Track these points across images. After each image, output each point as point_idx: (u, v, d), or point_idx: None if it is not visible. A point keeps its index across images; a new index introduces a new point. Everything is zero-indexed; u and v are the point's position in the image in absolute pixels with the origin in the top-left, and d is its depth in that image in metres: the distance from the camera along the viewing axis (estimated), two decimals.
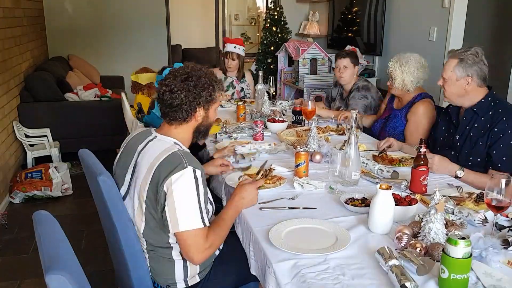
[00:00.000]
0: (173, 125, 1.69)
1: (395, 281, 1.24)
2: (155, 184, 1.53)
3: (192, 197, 1.51)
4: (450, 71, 2.16)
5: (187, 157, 1.56)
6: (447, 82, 2.19)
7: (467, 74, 2.13)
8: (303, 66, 4.64)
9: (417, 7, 4.30)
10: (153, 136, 1.69)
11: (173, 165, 1.51)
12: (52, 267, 1.01)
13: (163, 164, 1.53)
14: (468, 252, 1.20)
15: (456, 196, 1.84)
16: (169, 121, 1.68)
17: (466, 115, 2.24)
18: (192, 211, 1.51)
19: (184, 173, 1.50)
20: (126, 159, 1.70)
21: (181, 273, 1.67)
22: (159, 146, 1.62)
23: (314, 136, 2.37)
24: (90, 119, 4.71)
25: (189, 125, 1.70)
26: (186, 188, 1.51)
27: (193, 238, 1.52)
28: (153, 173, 1.53)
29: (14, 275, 2.81)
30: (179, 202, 1.50)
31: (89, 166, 1.67)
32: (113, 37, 6.44)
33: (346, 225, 1.62)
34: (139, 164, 1.61)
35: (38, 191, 3.84)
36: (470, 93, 2.18)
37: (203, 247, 1.54)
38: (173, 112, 1.65)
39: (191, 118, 1.68)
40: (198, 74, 1.67)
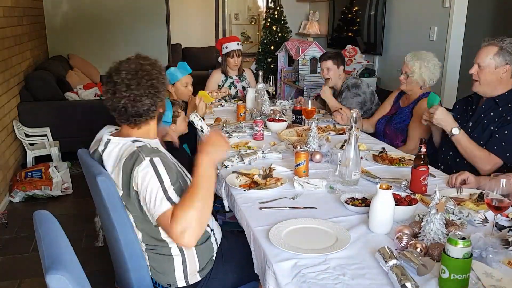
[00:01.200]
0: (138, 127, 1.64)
1: (395, 281, 1.24)
2: (126, 186, 1.54)
3: (154, 183, 1.48)
4: (489, 59, 2.15)
5: (143, 150, 1.53)
6: (484, 69, 2.17)
7: (506, 62, 2.13)
8: (303, 65, 4.64)
9: (418, 7, 4.30)
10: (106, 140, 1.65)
11: (131, 162, 1.51)
12: (52, 267, 1.01)
13: (125, 166, 1.53)
14: (468, 252, 1.20)
15: (456, 196, 1.84)
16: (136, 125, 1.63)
17: (485, 103, 2.24)
18: (157, 196, 1.47)
19: (141, 166, 1.49)
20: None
21: (181, 270, 1.67)
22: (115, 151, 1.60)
23: (314, 136, 2.36)
24: (90, 119, 4.70)
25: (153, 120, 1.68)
26: (147, 178, 1.48)
27: (165, 222, 1.45)
28: (121, 177, 1.54)
29: (14, 274, 2.81)
30: (146, 193, 1.48)
31: (88, 166, 1.67)
32: (113, 36, 6.44)
33: (346, 225, 1.62)
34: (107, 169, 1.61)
35: (38, 190, 3.84)
36: (501, 83, 2.18)
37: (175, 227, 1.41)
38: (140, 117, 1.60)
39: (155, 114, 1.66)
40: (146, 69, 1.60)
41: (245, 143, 2.62)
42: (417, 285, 1.22)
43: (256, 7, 9.34)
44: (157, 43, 6.65)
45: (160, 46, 6.68)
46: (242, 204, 1.82)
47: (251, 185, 1.99)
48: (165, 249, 1.64)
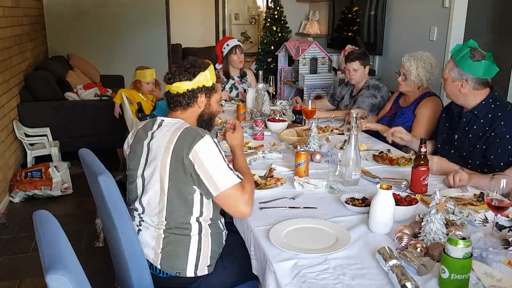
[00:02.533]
0: (178, 110, 1.80)
1: (395, 281, 1.24)
2: (179, 160, 1.60)
3: (219, 159, 1.63)
4: (447, 72, 2.19)
5: (201, 129, 1.68)
6: (446, 81, 2.21)
7: (462, 77, 2.14)
8: (303, 65, 4.64)
9: (417, 7, 4.30)
10: (160, 121, 1.77)
11: (191, 137, 1.61)
12: (52, 267, 1.01)
13: (180, 141, 1.62)
14: (468, 252, 1.20)
15: (456, 196, 1.84)
16: (174, 107, 1.80)
17: (466, 117, 2.24)
18: (225, 171, 1.62)
19: (205, 141, 1.61)
20: (136, 150, 1.76)
21: (194, 258, 1.68)
22: (169, 128, 1.69)
23: (315, 136, 2.37)
24: (90, 119, 4.71)
25: (192, 111, 1.82)
26: (212, 153, 1.62)
27: (235, 193, 1.62)
28: (172, 151, 1.61)
29: (14, 274, 2.81)
30: (211, 167, 1.60)
31: (89, 166, 1.67)
32: (113, 36, 6.44)
33: (347, 225, 1.62)
34: (153, 151, 1.68)
35: (38, 190, 3.84)
36: (468, 95, 2.18)
37: (247, 198, 1.64)
38: (177, 98, 1.78)
39: (194, 104, 1.80)
40: (199, 65, 1.81)
41: (245, 143, 2.62)
42: (417, 285, 1.22)
43: (256, 7, 9.34)
44: (157, 43, 6.64)
45: (160, 46, 6.68)
46: None
47: None
48: (186, 231, 1.67)
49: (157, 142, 1.68)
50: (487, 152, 2.11)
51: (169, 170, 1.62)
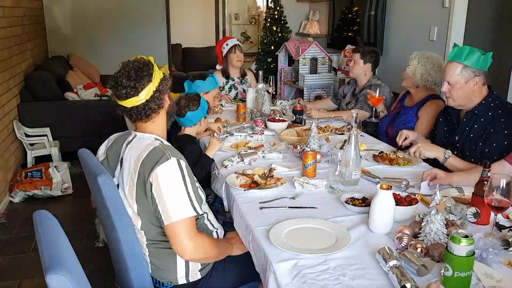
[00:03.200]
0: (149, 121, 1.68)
1: (395, 281, 1.24)
2: (142, 181, 1.54)
3: (180, 186, 1.52)
4: (457, 75, 2.13)
5: (169, 149, 1.57)
6: (454, 86, 2.15)
7: (475, 74, 2.12)
8: (303, 65, 4.64)
9: (417, 7, 4.30)
10: (132, 136, 1.69)
11: (156, 158, 1.52)
12: (52, 267, 1.01)
13: (147, 160, 1.53)
14: (471, 250, 1.21)
15: (456, 196, 1.84)
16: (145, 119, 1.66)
17: (466, 117, 2.24)
18: (182, 200, 1.52)
19: (168, 164, 1.51)
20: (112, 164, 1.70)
21: (183, 268, 1.67)
22: (139, 144, 1.62)
23: (315, 136, 2.36)
24: (90, 119, 4.71)
25: (161, 115, 1.70)
26: (173, 179, 1.52)
27: (184, 227, 1.51)
28: (138, 170, 1.55)
29: (14, 274, 2.81)
30: (168, 193, 1.50)
31: (88, 166, 1.67)
32: (113, 36, 6.43)
33: (347, 225, 1.62)
34: (124, 167, 1.62)
35: (38, 190, 3.84)
36: (476, 94, 2.17)
37: (193, 236, 1.53)
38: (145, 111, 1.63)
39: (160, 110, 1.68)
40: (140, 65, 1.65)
41: (245, 143, 2.62)
42: (417, 285, 1.22)
43: (256, 7, 9.34)
44: (157, 43, 6.64)
45: (160, 46, 6.67)
46: (242, 204, 1.82)
47: (251, 185, 1.99)
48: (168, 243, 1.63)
49: (128, 162, 1.60)
50: (487, 149, 2.12)
51: (135, 191, 1.56)
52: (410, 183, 1.96)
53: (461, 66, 2.12)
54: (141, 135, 1.67)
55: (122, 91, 1.61)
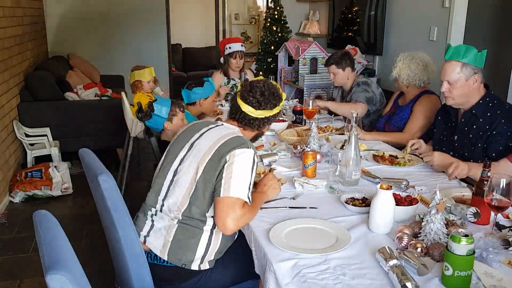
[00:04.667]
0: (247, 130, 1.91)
1: (395, 281, 1.24)
2: (217, 156, 1.67)
3: (248, 172, 1.66)
4: (457, 73, 2.12)
5: (251, 142, 1.76)
6: (454, 85, 2.14)
7: (475, 72, 2.12)
8: (303, 65, 4.64)
9: (417, 7, 4.30)
10: (220, 123, 1.88)
11: (239, 142, 1.70)
12: (52, 267, 1.01)
13: (228, 142, 1.70)
14: (471, 249, 1.21)
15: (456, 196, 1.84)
16: (244, 125, 1.88)
17: (464, 117, 2.24)
18: (244, 183, 1.64)
19: (247, 151, 1.68)
20: (183, 138, 1.84)
21: (203, 250, 1.70)
22: (224, 130, 1.80)
23: (315, 136, 2.36)
24: (90, 119, 4.71)
25: (252, 132, 1.93)
26: (246, 163, 1.66)
27: (234, 206, 1.60)
28: (216, 149, 1.69)
29: (14, 274, 2.81)
30: (237, 172, 1.63)
31: (89, 166, 1.67)
32: (113, 36, 6.44)
33: (347, 225, 1.63)
34: (199, 143, 1.76)
35: (38, 191, 3.84)
36: (475, 92, 2.17)
37: (239, 217, 1.61)
38: (253, 121, 1.87)
39: (261, 129, 1.93)
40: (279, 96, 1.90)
41: None
42: (417, 285, 1.22)
43: (256, 7, 9.34)
44: (157, 43, 6.64)
45: (160, 46, 6.68)
46: None
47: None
48: (201, 223, 1.70)
49: (210, 135, 1.76)
50: (488, 150, 2.12)
51: (205, 164, 1.68)
52: (410, 183, 1.96)
53: (460, 64, 2.11)
54: (228, 125, 1.86)
55: (249, 97, 1.84)
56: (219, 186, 1.63)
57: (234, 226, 1.60)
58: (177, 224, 1.71)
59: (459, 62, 2.11)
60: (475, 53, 2.09)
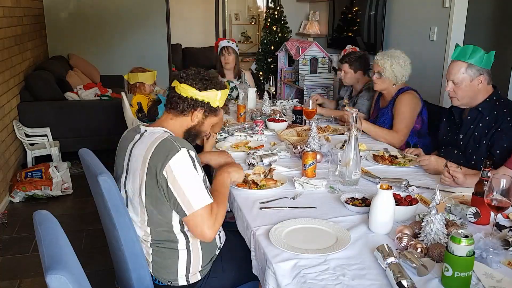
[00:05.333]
0: (171, 114, 1.75)
1: (391, 278, 1.25)
2: (153, 174, 1.55)
3: (194, 175, 1.56)
4: (462, 73, 2.13)
5: (178, 140, 1.60)
6: (459, 85, 2.15)
7: (480, 73, 2.12)
8: (303, 65, 4.64)
9: (418, 7, 4.30)
10: (142, 131, 1.70)
11: (167, 151, 1.55)
12: (52, 267, 1.01)
13: (156, 153, 1.56)
14: (471, 250, 1.21)
15: (456, 196, 1.84)
16: (169, 108, 1.74)
17: (470, 114, 2.24)
18: (199, 189, 1.56)
19: (180, 156, 1.54)
20: (120, 161, 1.73)
21: (184, 267, 1.67)
22: (148, 138, 1.64)
23: (315, 136, 2.36)
24: (90, 119, 4.71)
25: (183, 121, 1.75)
26: (186, 169, 1.55)
27: (203, 217, 1.55)
28: (148, 164, 1.56)
29: (14, 274, 2.81)
30: (185, 184, 1.53)
31: (89, 166, 1.67)
32: (113, 36, 6.44)
33: (347, 225, 1.62)
34: (131, 166, 1.63)
35: (38, 191, 3.84)
36: (480, 92, 2.17)
37: (212, 222, 1.57)
38: (177, 99, 1.72)
39: (188, 114, 1.74)
40: (215, 82, 1.76)
41: (245, 143, 2.62)
42: (413, 282, 1.22)
43: (256, 7, 9.35)
44: (157, 43, 6.64)
45: (160, 46, 6.68)
46: (242, 204, 1.82)
47: (251, 185, 1.99)
48: (173, 243, 1.65)
49: (136, 154, 1.62)
50: (493, 148, 2.12)
51: (145, 185, 1.57)
52: (410, 183, 1.96)
53: (465, 65, 2.12)
54: (152, 130, 1.69)
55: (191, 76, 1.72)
56: (178, 207, 1.55)
57: (213, 232, 1.57)
58: (150, 248, 1.67)
59: (465, 63, 2.12)
60: (482, 54, 2.09)
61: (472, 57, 2.09)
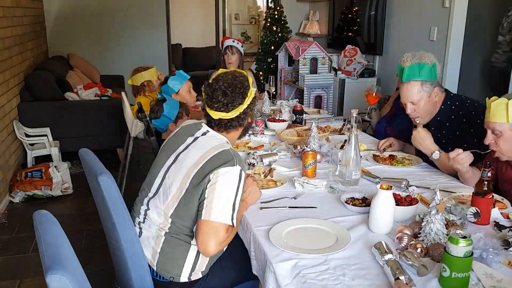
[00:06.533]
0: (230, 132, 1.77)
1: (390, 274, 1.25)
2: (202, 173, 1.58)
3: (232, 193, 1.57)
4: (419, 92, 2.14)
5: (238, 157, 1.63)
6: (419, 104, 2.16)
7: (434, 85, 2.15)
8: (303, 65, 4.64)
9: (418, 7, 4.30)
10: (205, 130, 1.74)
11: (225, 160, 1.58)
12: (52, 267, 1.01)
13: (215, 158, 1.60)
14: (469, 250, 1.21)
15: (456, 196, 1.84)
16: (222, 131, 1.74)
17: (433, 125, 2.26)
18: (227, 206, 1.55)
19: (232, 170, 1.57)
20: (169, 148, 1.76)
21: (191, 264, 1.67)
22: (212, 141, 1.68)
23: (315, 136, 2.36)
24: (90, 119, 4.71)
25: (238, 130, 1.80)
26: (230, 183, 1.57)
27: (217, 230, 1.54)
28: (203, 163, 1.59)
29: (14, 274, 2.81)
30: (220, 193, 1.55)
31: (89, 166, 1.67)
32: (113, 36, 6.44)
33: (347, 225, 1.62)
34: (184, 158, 1.67)
35: (38, 191, 3.84)
36: (437, 104, 2.21)
37: (221, 241, 1.56)
38: (230, 122, 1.73)
39: (244, 124, 1.79)
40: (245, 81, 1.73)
41: (245, 143, 2.62)
42: (411, 278, 1.23)
43: (256, 7, 9.34)
44: (157, 43, 6.64)
45: (160, 46, 6.68)
46: None
47: None
48: (188, 237, 1.65)
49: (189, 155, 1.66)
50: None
51: (189, 183, 1.60)
52: (410, 183, 1.96)
53: (419, 83, 2.13)
54: (215, 134, 1.73)
55: (214, 104, 1.69)
56: (202, 207, 1.56)
57: (216, 250, 1.55)
58: (164, 236, 1.66)
59: (417, 81, 2.13)
60: (429, 68, 2.12)
61: (422, 74, 2.11)
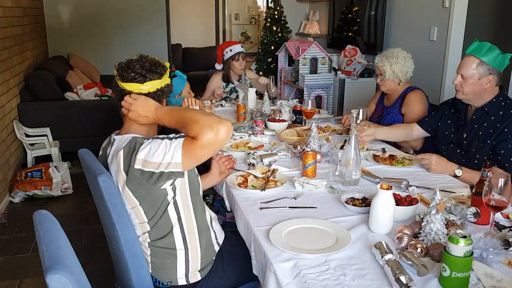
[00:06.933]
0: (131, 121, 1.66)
1: (390, 274, 1.25)
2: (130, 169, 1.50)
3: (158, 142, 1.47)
4: (472, 69, 2.13)
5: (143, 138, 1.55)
6: (467, 80, 2.15)
7: (490, 72, 2.12)
8: (303, 65, 4.64)
9: (418, 7, 4.30)
10: (111, 140, 1.68)
11: (133, 146, 1.50)
12: (52, 267, 1.01)
13: (125, 152, 1.52)
14: (469, 250, 1.21)
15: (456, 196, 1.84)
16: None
17: (475, 114, 2.24)
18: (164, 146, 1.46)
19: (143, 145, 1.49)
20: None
21: (183, 268, 1.67)
22: (116, 145, 1.61)
23: (315, 136, 2.36)
24: (90, 119, 4.71)
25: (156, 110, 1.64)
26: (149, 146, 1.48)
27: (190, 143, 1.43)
28: (123, 162, 1.52)
29: (14, 274, 2.81)
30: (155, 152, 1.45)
31: (89, 166, 1.66)
32: (113, 36, 6.44)
33: (347, 225, 1.62)
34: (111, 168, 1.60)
35: (38, 191, 3.84)
36: (486, 92, 2.17)
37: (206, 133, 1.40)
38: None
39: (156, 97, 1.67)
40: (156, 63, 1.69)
41: (245, 143, 2.62)
42: (411, 278, 1.23)
43: (256, 7, 9.34)
44: (157, 43, 6.64)
45: (160, 46, 6.68)
46: (243, 204, 1.82)
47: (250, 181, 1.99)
48: (171, 243, 1.64)
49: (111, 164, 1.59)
50: (497, 148, 2.12)
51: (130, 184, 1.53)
52: (410, 183, 1.96)
53: (477, 61, 2.11)
54: (120, 138, 1.64)
55: (130, 73, 1.63)
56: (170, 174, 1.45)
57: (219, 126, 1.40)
58: (149, 248, 1.66)
59: (477, 59, 2.11)
60: (497, 54, 2.09)
61: (486, 55, 2.08)
